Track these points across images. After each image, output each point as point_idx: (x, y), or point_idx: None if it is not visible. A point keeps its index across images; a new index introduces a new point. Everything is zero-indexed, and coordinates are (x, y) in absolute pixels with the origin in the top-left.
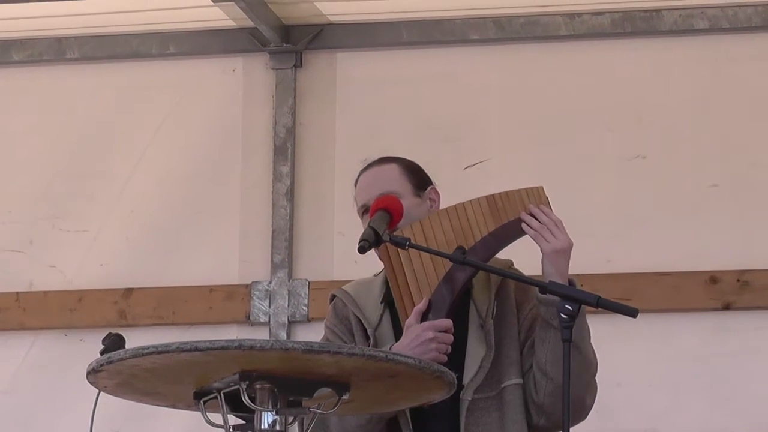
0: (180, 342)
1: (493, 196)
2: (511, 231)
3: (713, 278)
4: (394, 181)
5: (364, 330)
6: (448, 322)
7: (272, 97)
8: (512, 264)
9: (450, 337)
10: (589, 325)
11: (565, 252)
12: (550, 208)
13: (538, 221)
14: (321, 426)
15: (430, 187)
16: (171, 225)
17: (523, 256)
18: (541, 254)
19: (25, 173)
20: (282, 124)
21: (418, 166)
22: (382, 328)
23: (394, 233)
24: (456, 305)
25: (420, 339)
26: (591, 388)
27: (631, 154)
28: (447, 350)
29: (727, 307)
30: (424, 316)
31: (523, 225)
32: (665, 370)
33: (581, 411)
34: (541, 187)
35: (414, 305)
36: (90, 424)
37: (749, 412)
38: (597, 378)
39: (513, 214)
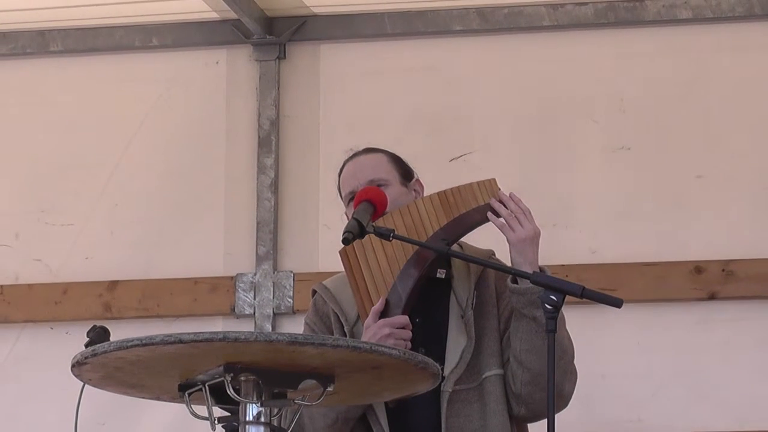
0: (164, 334)
1: (444, 192)
2: (465, 223)
3: (698, 268)
4: (382, 169)
5: (343, 326)
6: (404, 319)
7: (256, 89)
8: (493, 253)
9: (408, 333)
10: (575, 315)
11: (533, 241)
12: None
13: (507, 209)
14: (296, 425)
15: (415, 179)
16: (155, 218)
17: (505, 245)
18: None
19: (10, 167)
20: (266, 116)
21: (402, 159)
22: (360, 324)
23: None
24: (414, 301)
25: (377, 336)
26: (568, 375)
27: (616, 145)
28: (406, 346)
29: (712, 297)
30: (381, 316)
31: (489, 214)
32: (650, 361)
33: (560, 399)
34: (494, 180)
35: (373, 306)
36: (75, 416)
37: (733, 402)
38: (581, 368)
39: (464, 208)
